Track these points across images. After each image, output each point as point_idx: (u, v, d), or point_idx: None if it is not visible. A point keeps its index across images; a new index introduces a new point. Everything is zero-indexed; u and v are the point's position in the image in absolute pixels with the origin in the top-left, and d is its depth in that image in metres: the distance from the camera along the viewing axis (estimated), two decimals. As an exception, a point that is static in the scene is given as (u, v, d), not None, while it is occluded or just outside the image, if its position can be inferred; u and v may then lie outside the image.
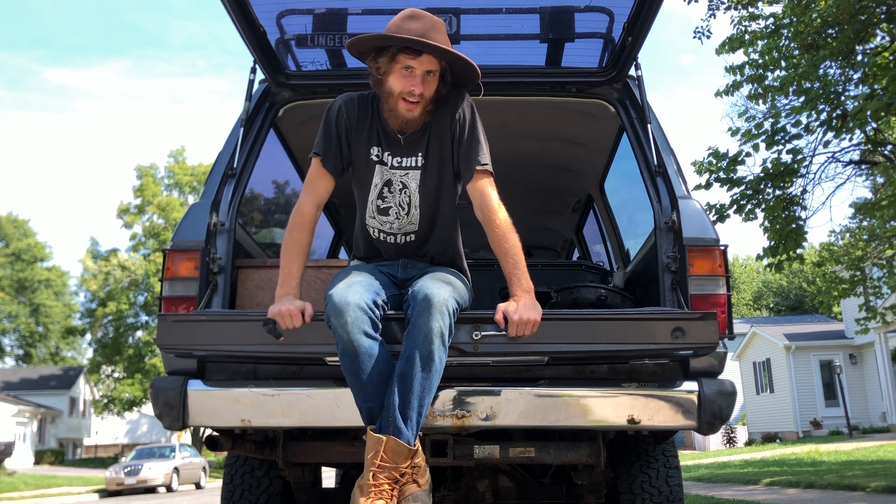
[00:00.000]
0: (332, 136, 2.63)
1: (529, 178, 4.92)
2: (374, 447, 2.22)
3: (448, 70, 2.55)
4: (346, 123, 2.63)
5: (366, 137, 2.64)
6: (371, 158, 2.64)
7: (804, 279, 48.81)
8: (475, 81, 2.60)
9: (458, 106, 2.60)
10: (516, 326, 2.35)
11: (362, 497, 2.20)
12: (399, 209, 2.64)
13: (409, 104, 2.49)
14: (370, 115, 2.64)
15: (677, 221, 2.86)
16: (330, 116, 2.65)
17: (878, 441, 17.96)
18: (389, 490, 2.20)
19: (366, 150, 2.64)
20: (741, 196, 9.34)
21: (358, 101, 2.66)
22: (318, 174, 2.64)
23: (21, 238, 53.68)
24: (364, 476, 2.23)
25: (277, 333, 2.37)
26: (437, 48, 2.44)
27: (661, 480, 3.18)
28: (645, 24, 3.14)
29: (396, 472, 2.21)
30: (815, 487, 8.77)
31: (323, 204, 2.67)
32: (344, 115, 2.63)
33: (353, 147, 2.65)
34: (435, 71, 2.50)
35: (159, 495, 20.66)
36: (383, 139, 2.63)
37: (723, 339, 2.69)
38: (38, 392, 45.43)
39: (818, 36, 8.85)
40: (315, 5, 3.37)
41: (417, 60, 2.46)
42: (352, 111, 2.64)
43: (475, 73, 2.56)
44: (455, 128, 2.60)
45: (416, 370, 2.25)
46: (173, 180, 39.13)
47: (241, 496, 3.33)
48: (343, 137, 2.63)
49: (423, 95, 2.49)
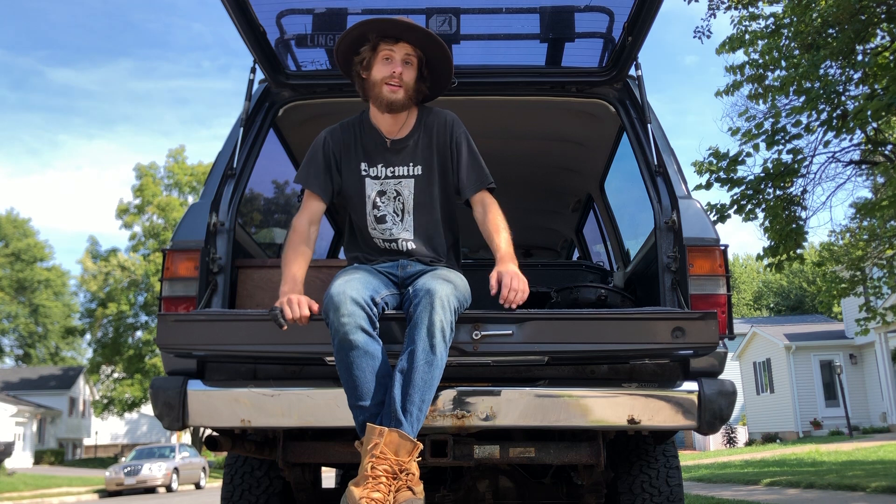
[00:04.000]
0: (318, 164, 2.79)
1: (529, 178, 4.92)
2: (374, 439, 2.20)
3: (424, 63, 2.73)
4: (333, 151, 2.80)
5: (353, 157, 2.79)
6: (361, 174, 2.77)
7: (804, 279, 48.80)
8: (450, 75, 2.81)
9: (453, 129, 2.78)
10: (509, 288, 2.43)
11: (358, 488, 2.14)
12: (394, 216, 2.74)
13: (391, 87, 2.66)
14: (354, 136, 2.80)
15: (677, 221, 2.86)
16: (316, 147, 2.83)
17: (879, 441, 17.96)
18: (387, 483, 2.15)
19: (356, 168, 2.78)
20: (741, 196, 9.33)
21: (340, 129, 2.84)
22: (308, 197, 2.79)
23: (21, 238, 53.66)
24: (361, 468, 2.18)
25: (281, 321, 2.36)
26: (411, 24, 2.65)
27: (662, 481, 3.18)
28: (645, 23, 3.14)
29: (396, 465, 2.18)
30: (816, 487, 8.78)
31: (318, 220, 2.78)
32: (330, 144, 2.81)
33: (342, 169, 2.80)
34: (412, 57, 2.69)
35: (159, 495, 20.67)
36: (373, 150, 2.77)
37: (723, 339, 2.69)
38: (38, 392, 45.41)
39: (818, 36, 8.85)
40: (315, 5, 3.37)
41: (396, 46, 2.67)
42: (336, 139, 2.82)
43: (448, 61, 2.76)
44: (453, 150, 2.76)
45: (417, 364, 2.25)
46: (173, 180, 39.12)
47: (241, 496, 3.32)
48: (332, 163, 2.79)
49: (403, 79, 2.66)
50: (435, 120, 2.79)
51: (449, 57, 2.75)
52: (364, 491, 2.13)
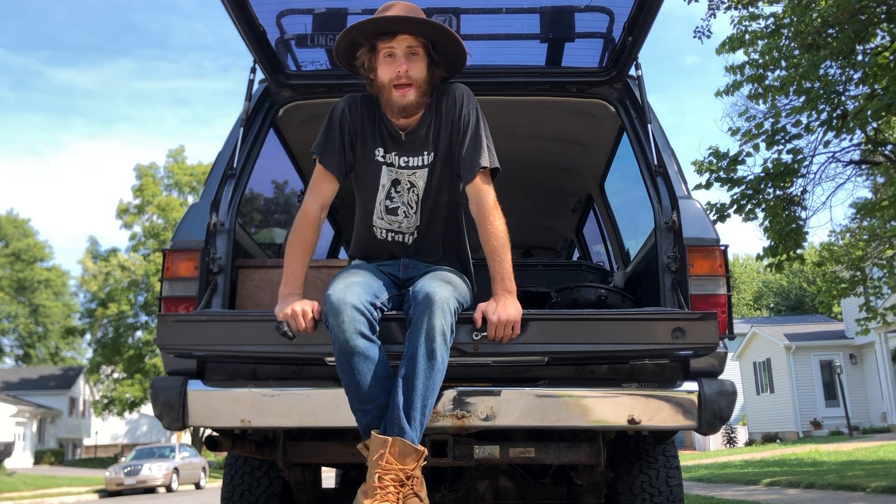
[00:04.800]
0: (334, 139, 2.62)
1: (529, 178, 4.92)
2: (379, 449, 2.20)
3: (431, 48, 2.53)
4: (350, 126, 2.62)
5: (370, 139, 2.63)
6: (377, 160, 2.63)
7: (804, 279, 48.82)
8: (463, 56, 2.59)
9: (463, 103, 2.59)
10: (495, 327, 2.33)
11: (368, 500, 2.16)
12: (407, 208, 2.64)
13: (400, 89, 2.49)
14: (374, 116, 2.63)
15: (677, 221, 2.85)
16: (333, 119, 2.64)
17: (879, 441, 17.96)
18: (395, 492, 2.16)
19: (371, 152, 2.64)
20: (741, 196, 9.32)
21: (361, 103, 2.65)
22: (321, 175, 2.63)
23: (21, 238, 53.67)
24: (369, 479, 2.19)
25: (290, 335, 2.35)
26: (402, 19, 2.44)
27: (662, 481, 3.18)
28: (645, 23, 3.14)
29: (402, 473, 2.18)
30: (816, 487, 8.77)
31: (328, 205, 2.66)
32: (348, 118, 2.62)
33: (357, 150, 2.64)
34: (416, 47, 2.49)
35: (159, 495, 20.66)
36: (388, 139, 2.62)
37: (723, 339, 2.69)
38: (38, 392, 45.42)
39: (818, 36, 8.85)
40: (315, 5, 3.37)
41: (395, 41, 2.47)
42: (355, 113, 2.63)
43: (457, 42, 2.54)
44: (459, 126, 2.58)
45: (419, 369, 2.24)
46: (173, 180, 39.13)
47: (241, 496, 3.32)
48: (346, 140, 2.62)
49: (411, 76, 2.48)
50: (444, 98, 2.59)
51: (454, 36, 2.53)
52: (373, 502, 2.15)
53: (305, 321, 2.35)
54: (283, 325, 2.35)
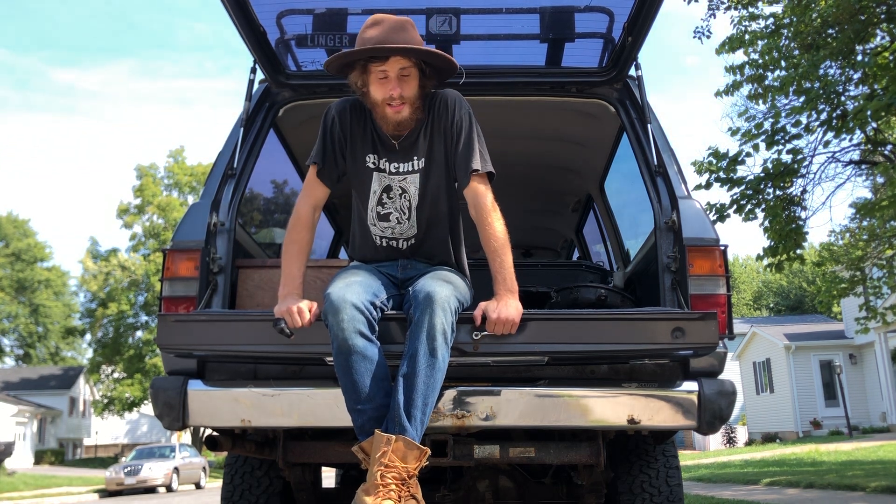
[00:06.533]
0: (326, 147, 2.66)
1: (529, 178, 4.92)
2: (381, 446, 2.20)
3: (423, 63, 2.55)
4: (340, 134, 2.66)
5: (360, 145, 2.66)
6: (368, 166, 2.66)
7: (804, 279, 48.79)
8: (453, 69, 2.61)
9: (455, 109, 2.61)
10: (494, 325, 2.35)
11: (369, 497, 2.15)
12: (400, 214, 2.65)
13: (393, 108, 2.52)
14: (364, 121, 2.66)
15: (677, 221, 2.86)
16: (325, 126, 2.68)
17: (878, 441, 17.96)
18: (397, 490, 2.17)
19: (362, 158, 2.66)
20: (741, 196, 9.32)
21: (351, 109, 2.67)
22: (313, 180, 2.68)
23: (21, 238, 53.66)
24: (370, 477, 2.19)
25: (287, 332, 2.36)
26: (394, 49, 2.46)
27: (661, 480, 3.18)
28: (645, 24, 3.14)
29: (405, 472, 2.19)
30: (816, 487, 8.77)
31: (321, 206, 2.71)
32: (337, 125, 2.66)
33: (347, 157, 2.68)
34: (408, 67, 2.51)
35: (159, 495, 20.66)
36: (379, 146, 2.65)
37: (723, 339, 2.69)
38: (38, 392, 45.41)
39: (818, 36, 8.85)
40: (315, 5, 3.37)
41: (387, 64, 2.49)
42: (345, 120, 2.66)
43: (447, 60, 2.57)
44: (453, 132, 2.60)
45: (419, 368, 2.24)
46: (173, 180, 39.14)
47: (241, 496, 3.32)
48: (337, 148, 2.66)
49: (403, 96, 2.51)
50: (436, 104, 2.62)
51: (448, 59, 2.57)
52: (376, 500, 2.14)
53: (302, 318, 2.36)
54: (280, 322, 2.37)
